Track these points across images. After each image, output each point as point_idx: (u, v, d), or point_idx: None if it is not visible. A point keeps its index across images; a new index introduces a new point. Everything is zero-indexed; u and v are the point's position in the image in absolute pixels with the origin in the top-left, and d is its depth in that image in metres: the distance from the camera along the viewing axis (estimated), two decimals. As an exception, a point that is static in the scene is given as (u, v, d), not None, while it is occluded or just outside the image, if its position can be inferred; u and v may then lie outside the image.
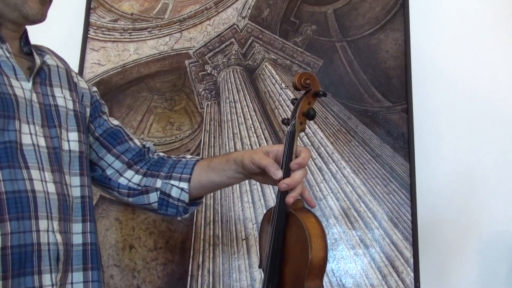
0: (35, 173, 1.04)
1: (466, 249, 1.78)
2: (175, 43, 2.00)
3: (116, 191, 1.30)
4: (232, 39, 1.98)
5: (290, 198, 1.07)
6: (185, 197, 1.26)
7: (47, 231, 1.02)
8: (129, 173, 1.30)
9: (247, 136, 1.88)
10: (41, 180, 1.05)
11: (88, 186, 1.18)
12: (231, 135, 1.89)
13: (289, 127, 1.13)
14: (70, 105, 1.19)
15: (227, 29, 1.99)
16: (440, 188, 1.81)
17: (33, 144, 1.06)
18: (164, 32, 2.01)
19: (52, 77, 1.18)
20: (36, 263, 0.99)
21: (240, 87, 1.93)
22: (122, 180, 1.29)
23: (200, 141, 1.89)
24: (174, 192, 1.26)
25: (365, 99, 1.88)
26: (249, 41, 1.97)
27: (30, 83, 1.11)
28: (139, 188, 1.29)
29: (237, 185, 1.84)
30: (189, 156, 1.34)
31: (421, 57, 1.90)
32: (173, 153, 1.85)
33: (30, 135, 1.06)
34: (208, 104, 1.94)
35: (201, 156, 1.88)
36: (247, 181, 1.84)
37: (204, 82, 1.96)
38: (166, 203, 1.27)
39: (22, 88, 1.08)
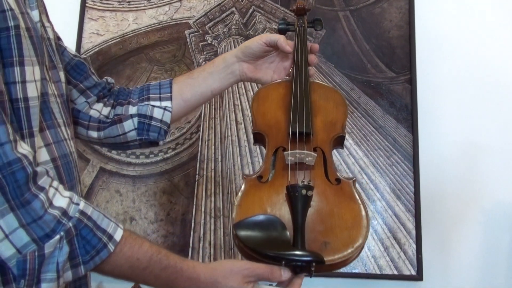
0: (65, 131, 0.94)
1: (469, 220, 1.77)
2: (174, 12, 1.96)
3: (86, 127, 1.16)
4: (233, 9, 1.95)
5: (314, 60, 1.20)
6: (168, 117, 1.19)
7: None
8: (98, 106, 1.18)
9: (248, 107, 1.86)
10: (68, 139, 0.95)
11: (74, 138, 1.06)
12: (232, 106, 1.87)
13: (299, 23, 1.26)
14: (52, 35, 1.01)
15: (227, -2, 1.96)
16: (443, 160, 1.80)
17: (54, 95, 0.93)
18: (164, 1, 1.97)
19: None
20: None
21: (241, 57, 1.90)
22: (93, 113, 1.17)
23: (201, 112, 1.87)
24: (156, 113, 1.18)
25: (368, 70, 1.85)
26: (250, 10, 1.94)
27: (37, 11, 0.93)
28: (109, 120, 1.18)
29: (238, 157, 1.83)
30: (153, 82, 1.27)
31: (425, 26, 1.87)
32: (173, 125, 1.83)
33: (48, 82, 0.91)
34: (208, 75, 1.91)
35: (201, 129, 1.86)
36: (248, 153, 1.82)
37: (205, 53, 1.93)
38: (148, 127, 1.18)
39: (34, 20, 0.90)
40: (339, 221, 0.97)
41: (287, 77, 1.22)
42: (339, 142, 1.14)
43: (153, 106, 1.18)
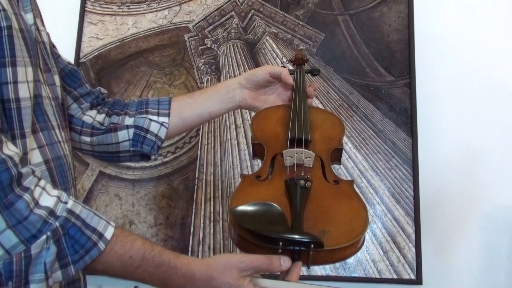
0: (59, 133, 0.94)
1: (468, 224, 1.77)
2: (174, 16, 1.96)
3: (78, 132, 1.16)
4: (232, 13, 1.95)
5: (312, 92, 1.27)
6: (163, 132, 1.20)
7: None
8: (91, 112, 1.18)
9: (247, 111, 1.86)
10: (63, 141, 0.95)
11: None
12: (232, 110, 1.87)
13: (297, 69, 1.32)
14: (47, 39, 1.01)
15: (227, 2, 1.96)
16: (442, 163, 1.80)
17: (49, 97, 0.92)
18: (163, 5, 1.97)
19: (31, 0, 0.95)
20: None
21: (240, 61, 1.91)
22: (86, 118, 1.17)
23: (200, 116, 1.86)
24: (153, 127, 1.20)
25: (368, 74, 1.86)
26: (250, 14, 1.94)
27: (31, 14, 0.92)
28: (104, 127, 1.18)
29: (238, 161, 1.83)
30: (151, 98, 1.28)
31: (425, 30, 1.87)
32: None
33: (42, 84, 0.90)
34: (208, 79, 1.91)
35: (201, 132, 1.86)
36: (248, 157, 1.82)
37: (204, 57, 1.93)
38: (142, 139, 1.19)
39: (28, 23, 0.90)
40: (338, 214, 0.97)
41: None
42: (336, 156, 1.16)
43: (151, 120, 1.20)
